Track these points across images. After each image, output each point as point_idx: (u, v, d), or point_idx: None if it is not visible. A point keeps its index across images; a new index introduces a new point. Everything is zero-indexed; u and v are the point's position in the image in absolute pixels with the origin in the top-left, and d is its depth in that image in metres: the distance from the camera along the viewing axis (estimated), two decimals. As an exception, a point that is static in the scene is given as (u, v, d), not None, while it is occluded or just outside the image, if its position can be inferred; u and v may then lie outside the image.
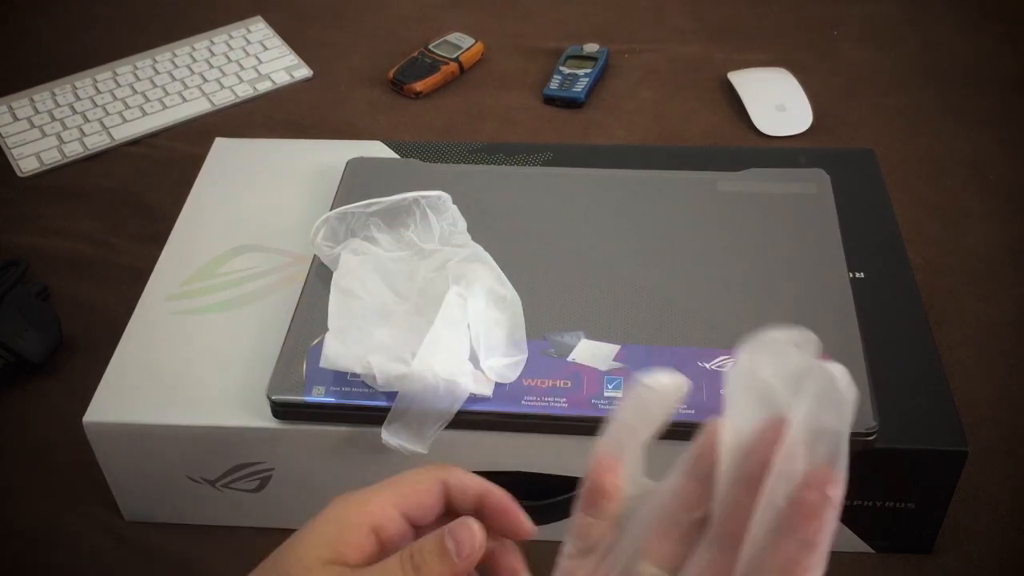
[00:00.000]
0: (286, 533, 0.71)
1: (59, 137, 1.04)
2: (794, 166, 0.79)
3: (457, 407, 0.61)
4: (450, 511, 0.46)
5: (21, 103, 1.08)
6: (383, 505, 0.44)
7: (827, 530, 0.33)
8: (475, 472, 0.65)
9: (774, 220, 0.74)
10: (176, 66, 1.12)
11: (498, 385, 0.63)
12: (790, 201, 0.75)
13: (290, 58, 1.13)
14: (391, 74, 1.09)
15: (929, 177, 0.95)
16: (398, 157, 0.84)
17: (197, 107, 1.07)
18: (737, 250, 0.71)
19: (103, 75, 1.11)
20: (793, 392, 0.34)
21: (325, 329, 0.65)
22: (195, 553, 0.70)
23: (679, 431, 0.61)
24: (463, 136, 1.02)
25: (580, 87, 1.05)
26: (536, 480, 0.66)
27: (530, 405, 0.62)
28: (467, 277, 0.66)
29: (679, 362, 0.64)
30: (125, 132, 1.04)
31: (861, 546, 0.67)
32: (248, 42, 1.16)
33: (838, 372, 0.33)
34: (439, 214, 0.70)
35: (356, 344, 0.63)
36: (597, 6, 1.20)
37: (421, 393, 0.61)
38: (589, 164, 0.81)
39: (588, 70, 1.07)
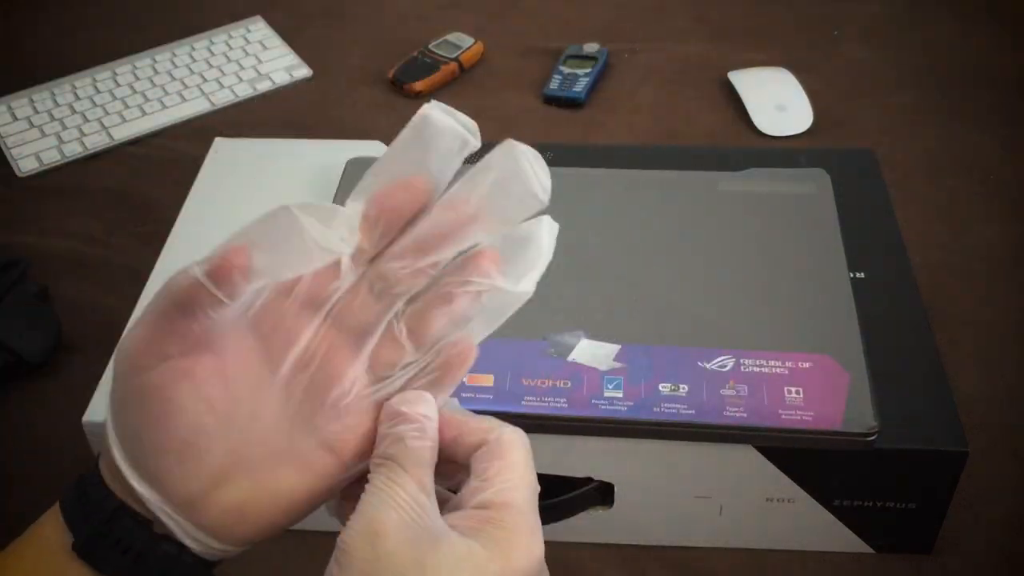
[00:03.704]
0: (287, 532, 0.70)
1: (58, 137, 1.04)
2: (794, 166, 0.79)
3: None
4: None
5: (21, 103, 1.08)
6: None
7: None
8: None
9: (774, 220, 0.74)
10: (176, 66, 1.12)
11: (498, 385, 0.63)
12: (790, 201, 0.75)
13: (290, 58, 1.13)
14: (391, 74, 1.09)
15: (929, 177, 0.95)
16: (398, 157, 0.83)
17: (197, 107, 1.07)
18: (737, 250, 0.71)
19: (103, 75, 1.11)
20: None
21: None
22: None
23: (679, 431, 0.61)
24: (463, 136, 1.02)
25: (580, 87, 1.05)
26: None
27: (530, 405, 0.62)
28: None
29: (679, 362, 0.64)
30: (125, 132, 1.04)
31: (861, 546, 0.67)
32: (248, 42, 1.16)
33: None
34: None
35: None
36: (597, 6, 1.20)
37: None
38: (589, 164, 0.80)
39: (588, 70, 1.07)
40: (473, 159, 0.43)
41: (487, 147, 0.43)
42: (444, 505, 0.41)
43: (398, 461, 0.40)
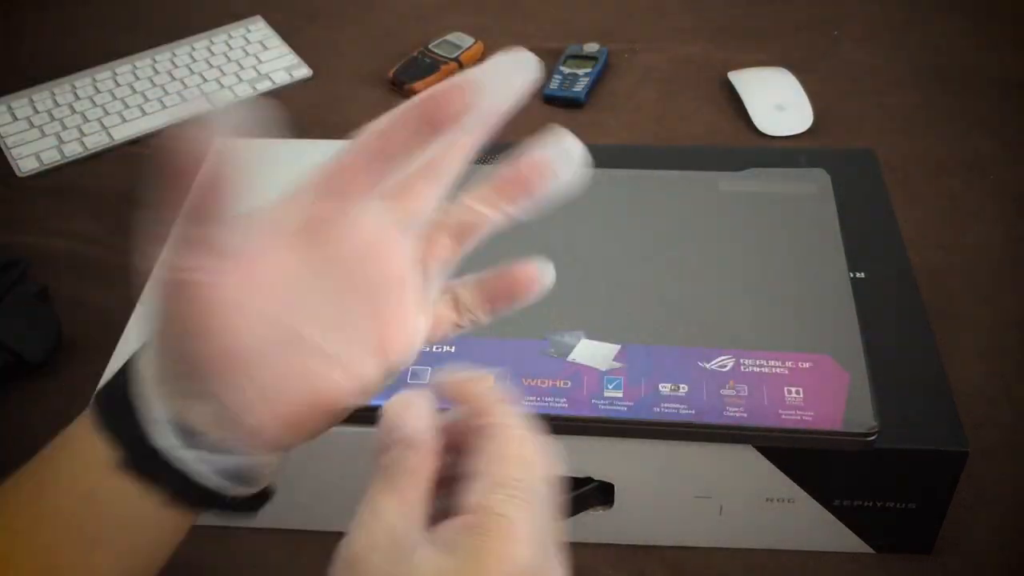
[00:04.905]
0: (286, 533, 0.71)
1: (58, 137, 1.04)
2: (794, 166, 0.79)
3: None
4: None
5: (21, 103, 1.08)
6: None
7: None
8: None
9: (774, 220, 0.74)
10: (176, 66, 1.12)
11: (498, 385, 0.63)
12: (790, 201, 0.75)
13: (290, 58, 1.13)
14: (391, 74, 1.09)
15: (929, 177, 0.95)
16: (398, 157, 0.84)
17: (197, 107, 1.07)
18: (737, 250, 0.71)
19: (103, 75, 1.11)
20: None
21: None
22: (193, 553, 0.70)
23: (679, 431, 0.61)
24: (463, 136, 1.02)
25: (580, 87, 1.05)
26: (536, 480, 0.66)
27: (530, 405, 0.62)
28: None
29: (679, 362, 0.64)
30: (125, 132, 1.04)
31: (861, 546, 0.67)
32: (248, 42, 1.16)
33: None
34: None
35: None
36: (597, 6, 1.20)
37: None
38: (589, 164, 0.80)
39: (588, 70, 1.07)
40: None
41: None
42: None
43: (383, 480, 0.40)
